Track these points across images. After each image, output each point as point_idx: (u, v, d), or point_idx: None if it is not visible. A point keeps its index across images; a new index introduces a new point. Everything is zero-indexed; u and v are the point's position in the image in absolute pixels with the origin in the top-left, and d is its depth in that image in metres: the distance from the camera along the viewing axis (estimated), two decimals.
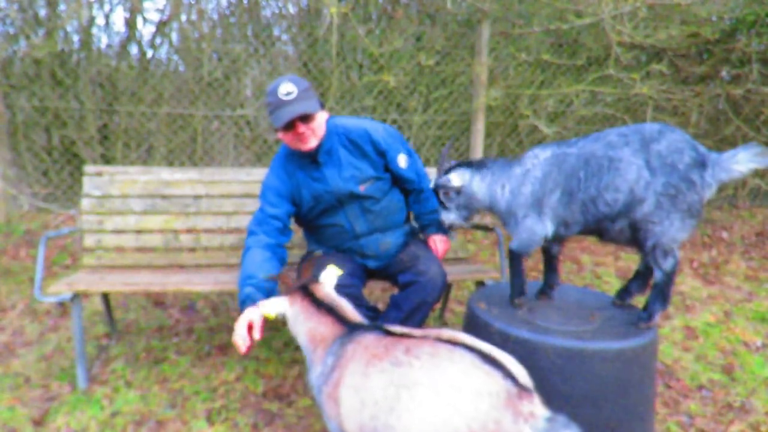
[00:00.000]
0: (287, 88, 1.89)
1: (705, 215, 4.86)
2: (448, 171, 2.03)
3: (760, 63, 4.46)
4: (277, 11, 4.44)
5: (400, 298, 2.09)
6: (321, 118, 1.99)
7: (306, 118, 1.93)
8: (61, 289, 2.19)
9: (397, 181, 2.25)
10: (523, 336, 1.68)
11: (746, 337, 2.93)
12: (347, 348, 1.43)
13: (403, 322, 2.00)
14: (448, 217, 2.06)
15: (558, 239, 1.97)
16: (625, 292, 2.04)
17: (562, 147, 1.88)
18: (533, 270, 3.79)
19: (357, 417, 1.31)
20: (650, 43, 4.11)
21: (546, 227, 1.88)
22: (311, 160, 2.05)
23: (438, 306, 3.03)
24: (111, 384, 2.35)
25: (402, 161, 2.18)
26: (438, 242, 2.32)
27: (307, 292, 1.61)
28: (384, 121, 4.28)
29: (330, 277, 1.70)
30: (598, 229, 1.87)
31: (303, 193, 2.09)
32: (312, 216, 2.15)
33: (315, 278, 1.67)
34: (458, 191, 1.99)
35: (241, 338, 1.64)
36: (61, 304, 2.97)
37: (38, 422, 2.08)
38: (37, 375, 2.41)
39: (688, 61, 4.66)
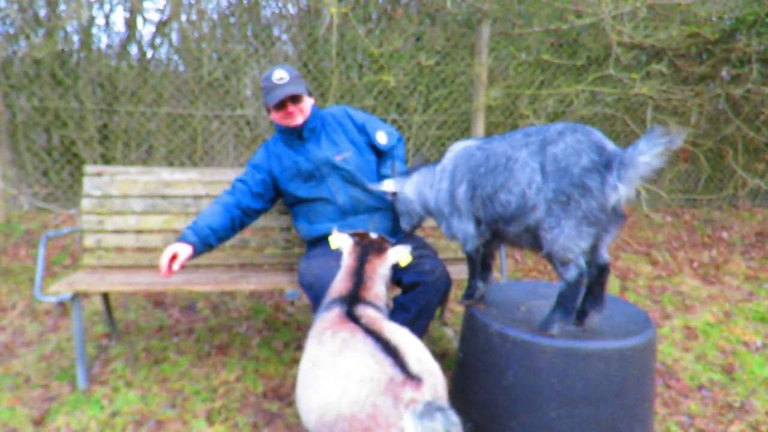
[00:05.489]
0: (280, 74, 2.18)
1: (705, 216, 4.90)
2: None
3: (760, 63, 4.47)
4: (277, 11, 4.45)
5: (406, 300, 2.05)
6: (308, 101, 2.26)
7: (295, 99, 2.20)
8: (61, 289, 2.19)
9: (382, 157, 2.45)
10: (521, 336, 1.68)
11: (746, 337, 2.93)
12: (320, 315, 1.55)
13: (411, 323, 1.95)
14: (402, 224, 2.19)
15: (482, 236, 1.90)
16: None
17: (479, 141, 1.87)
18: (533, 270, 3.79)
19: (300, 379, 1.43)
20: (650, 43, 4.11)
21: (468, 224, 1.86)
22: (297, 136, 2.28)
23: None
24: (111, 384, 2.35)
25: (381, 138, 2.36)
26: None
27: (365, 253, 1.70)
28: (384, 121, 4.28)
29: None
30: (497, 230, 1.80)
31: (283, 161, 2.30)
32: (296, 186, 2.30)
33: (385, 248, 1.74)
34: (393, 195, 2.14)
35: (164, 262, 1.99)
36: (61, 304, 2.98)
37: (38, 422, 2.08)
38: (37, 375, 2.41)
39: (688, 61, 4.66)
